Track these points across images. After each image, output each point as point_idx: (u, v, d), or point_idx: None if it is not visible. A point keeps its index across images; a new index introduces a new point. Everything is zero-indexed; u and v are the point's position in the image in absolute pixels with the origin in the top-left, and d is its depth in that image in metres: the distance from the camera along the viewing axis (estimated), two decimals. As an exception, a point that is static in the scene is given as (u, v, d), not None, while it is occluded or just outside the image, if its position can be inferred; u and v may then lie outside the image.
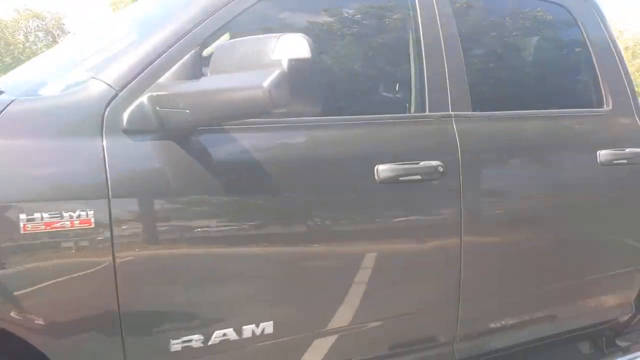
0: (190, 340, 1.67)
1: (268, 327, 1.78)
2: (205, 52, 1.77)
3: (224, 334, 1.72)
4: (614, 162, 2.50)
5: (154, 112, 1.61)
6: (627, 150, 2.56)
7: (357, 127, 1.98)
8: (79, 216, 1.48)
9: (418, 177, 1.99)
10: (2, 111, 1.52)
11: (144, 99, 1.62)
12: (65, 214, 1.47)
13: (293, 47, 1.42)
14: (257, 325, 1.76)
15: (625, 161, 2.54)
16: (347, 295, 1.91)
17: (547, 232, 2.37)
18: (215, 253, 1.70)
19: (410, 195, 2.01)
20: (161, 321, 1.65)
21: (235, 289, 1.75)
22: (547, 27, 2.68)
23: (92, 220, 1.50)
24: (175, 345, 1.65)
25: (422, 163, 2.00)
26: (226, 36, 1.88)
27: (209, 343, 1.70)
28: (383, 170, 1.92)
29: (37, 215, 1.44)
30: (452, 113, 2.13)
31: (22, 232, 1.43)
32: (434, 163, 2.01)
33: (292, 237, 1.81)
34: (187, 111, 1.55)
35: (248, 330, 1.75)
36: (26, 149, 1.52)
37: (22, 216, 1.43)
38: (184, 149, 1.65)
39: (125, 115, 1.61)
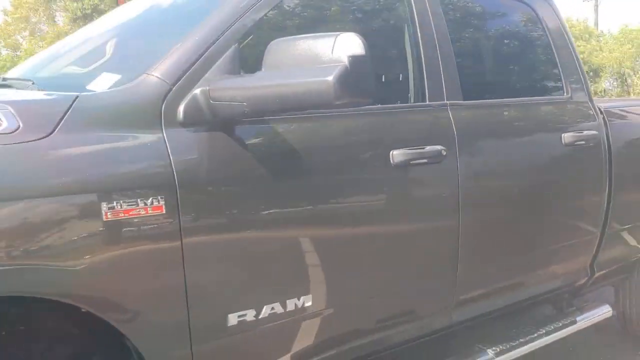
0: (244, 315, 1.82)
1: (308, 300, 1.95)
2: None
3: (272, 308, 1.87)
4: (575, 143, 2.83)
5: (207, 105, 1.74)
6: (585, 132, 2.91)
7: (373, 116, 2.17)
8: (152, 203, 1.59)
9: (425, 160, 2.22)
10: (70, 107, 1.60)
11: (196, 92, 1.75)
12: (140, 202, 1.58)
13: (350, 45, 1.59)
14: (299, 299, 1.93)
15: (583, 142, 2.88)
16: (375, 267, 2.12)
17: (525, 205, 2.67)
18: (264, 235, 1.85)
19: (419, 176, 2.24)
20: (221, 298, 1.78)
21: (283, 267, 1.91)
22: (518, 26, 2.99)
23: (163, 206, 1.61)
24: (232, 319, 1.79)
25: (428, 148, 2.23)
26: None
27: (260, 317, 1.85)
28: (397, 155, 2.13)
29: (116, 203, 1.54)
30: (448, 102, 2.38)
31: (104, 219, 1.52)
32: (439, 147, 2.25)
33: (333, 215, 2.00)
34: (244, 103, 1.69)
35: (291, 303, 1.91)
36: (98, 143, 1.61)
37: (104, 205, 1.52)
38: (233, 138, 1.79)
39: (181, 109, 1.73)
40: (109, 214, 1.53)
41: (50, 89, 1.85)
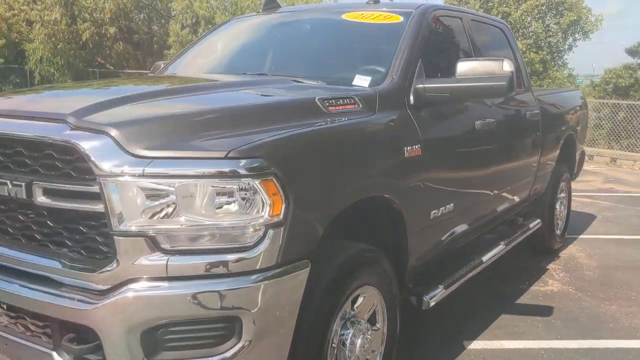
0: (436, 212, 3.25)
1: (451, 207, 3.44)
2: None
3: (444, 209, 3.33)
4: (531, 118, 4.66)
5: (423, 95, 3.14)
6: (534, 111, 4.75)
7: (472, 102, 3.70)
8: (416, 148, 2.97)
9: (487, 127, 3.82)
10: (376, 96, 2.90)
11: (418, 87, 3.13)
12: (414, 148, 2.95)
13: (509, 65, 3.10)
14: (450, 205, 3.41)
15: (534, 118, 4.72)
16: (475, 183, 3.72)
17: (516, 154, 4.41)
18: (448, 166, 3.31)
19: (488, 134, 3.82)
20: (429, 202, 3.19)
21: (447, 185, 3.37)
22: (499, 43, 4.70)
23: (420, 150, 3.00)
24: (432, 215, 3.22)
25: (488, 119, 3.83)
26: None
27: (439, 214, 3.30)
28: (478, 124, 3.70)
29: (408, 148, 2.90)
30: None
31: (405, 156, 2.88)
32: (493, 120, 3.87)
33: (469, 157, 3.52)
34: (448, 94, 3.13)
35: (444, 208, 3.38)
36: (393, 116, 2.94)
37: (404, 148, 2.88)
38: (435, 111, 3.23)
39: (411, 97, 3.11)
40: (406, 153, 2.89)
41: (334, 84, 3.08)
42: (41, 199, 2.13)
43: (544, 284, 5.01)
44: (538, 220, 5.15)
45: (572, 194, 6.59)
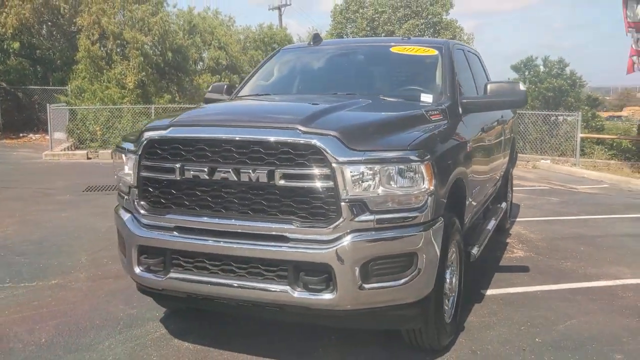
0: (474, 190, 4.53)
1: (478, 188, 4.74)
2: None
3: (476, 189, 4.62)
4: (503, 123, 6.11)
5: (466, 107, 4.42)
6: (504, 118, 6.21)
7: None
8: (470, 144, 4.23)
9: (490, 129, 5.18)
10: (446, 109, 4.14)
11: (463, 101, 4.40)
12: (470, 144, 4.21)
13: (523, 86, 4.45)
14: (478, 186, 4.70)
15: (505, 124, 6.18)
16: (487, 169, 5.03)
17: (499, 150, 5.82)
18: (475, 153, 4.59)
19: (490, 134, 5.18)
20: (473, 180, 4.45)
21: (479, 171, 4.65)
22: (477, 66, 6.11)
23: (471, 147, 4.26)
24: (473, 192, 4.50)
25: (491, 124, 5.19)
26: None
27: (474, 192, 4.57)
28: (485, 127, 5.05)
29: (468, 144, 4.16)
30: (484, 105, 5.39)
31: (468, 150, 4.14)
32: (491, 125, 5.24)
33: (485, 151, 4.84)
34: (483, 107, 4.44)
35: (477, 189, 4.68)
36: (459, 121, 4.18)
37: (467, 144, 4.14)
38: (470, 116, 4.50)
39: (460, 108, 4.38)
40: (468, 148, 4.14)
41: (409, 100, 4.27)
42: (281, 181, 3.12)
43: (511, 252, 6.47)
44: (505, 203, 6.63)
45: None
